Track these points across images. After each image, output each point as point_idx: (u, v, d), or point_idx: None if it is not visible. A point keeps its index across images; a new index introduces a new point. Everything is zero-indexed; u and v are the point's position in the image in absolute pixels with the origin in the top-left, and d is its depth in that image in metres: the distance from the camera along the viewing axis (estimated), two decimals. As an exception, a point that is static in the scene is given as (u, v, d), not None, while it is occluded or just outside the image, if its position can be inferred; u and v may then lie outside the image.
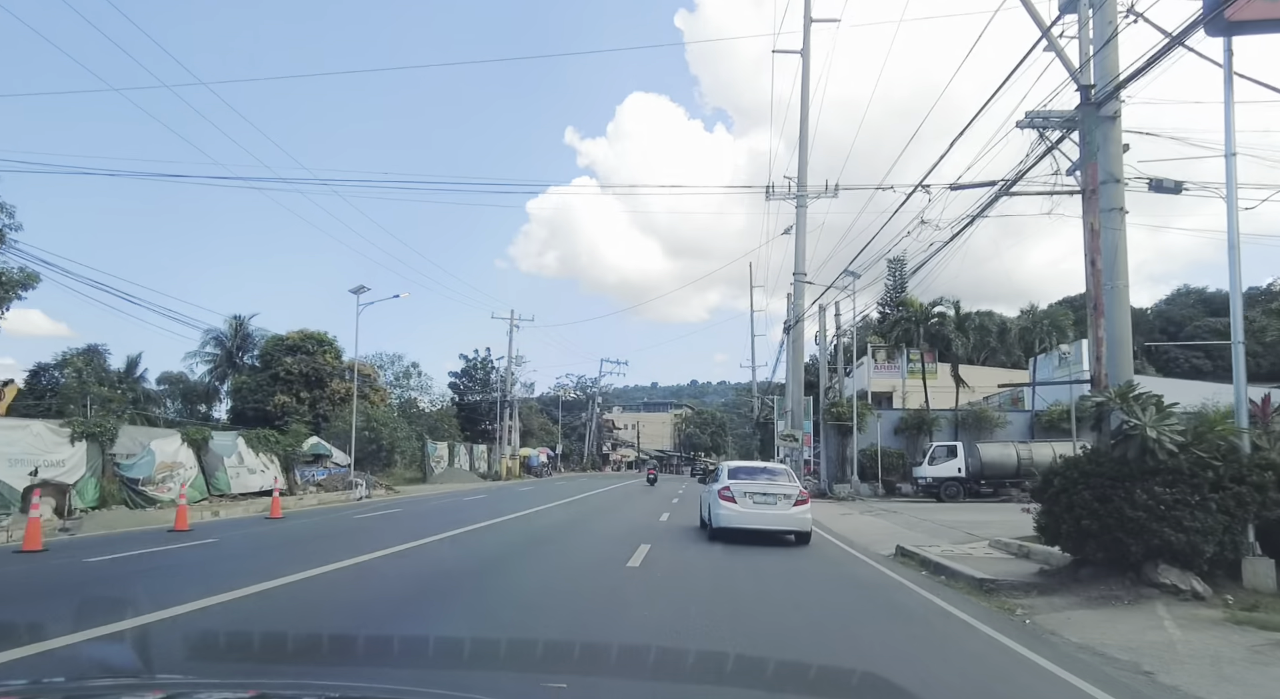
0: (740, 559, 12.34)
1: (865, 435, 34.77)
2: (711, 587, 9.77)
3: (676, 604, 8.46)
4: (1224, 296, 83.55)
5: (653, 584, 9.73)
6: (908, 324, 35.24)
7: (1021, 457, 29.50)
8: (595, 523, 19.27)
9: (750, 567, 11.53)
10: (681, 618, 7.67)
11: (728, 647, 6.33)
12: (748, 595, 9.27)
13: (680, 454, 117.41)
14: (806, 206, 35.53)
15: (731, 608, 8.38)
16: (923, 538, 16.55)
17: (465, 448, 57.91)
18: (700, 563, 11.81)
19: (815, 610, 8.67)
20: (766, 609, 8.52)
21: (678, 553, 13.07)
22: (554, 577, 10.42)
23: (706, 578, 10.43)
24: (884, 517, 22.57)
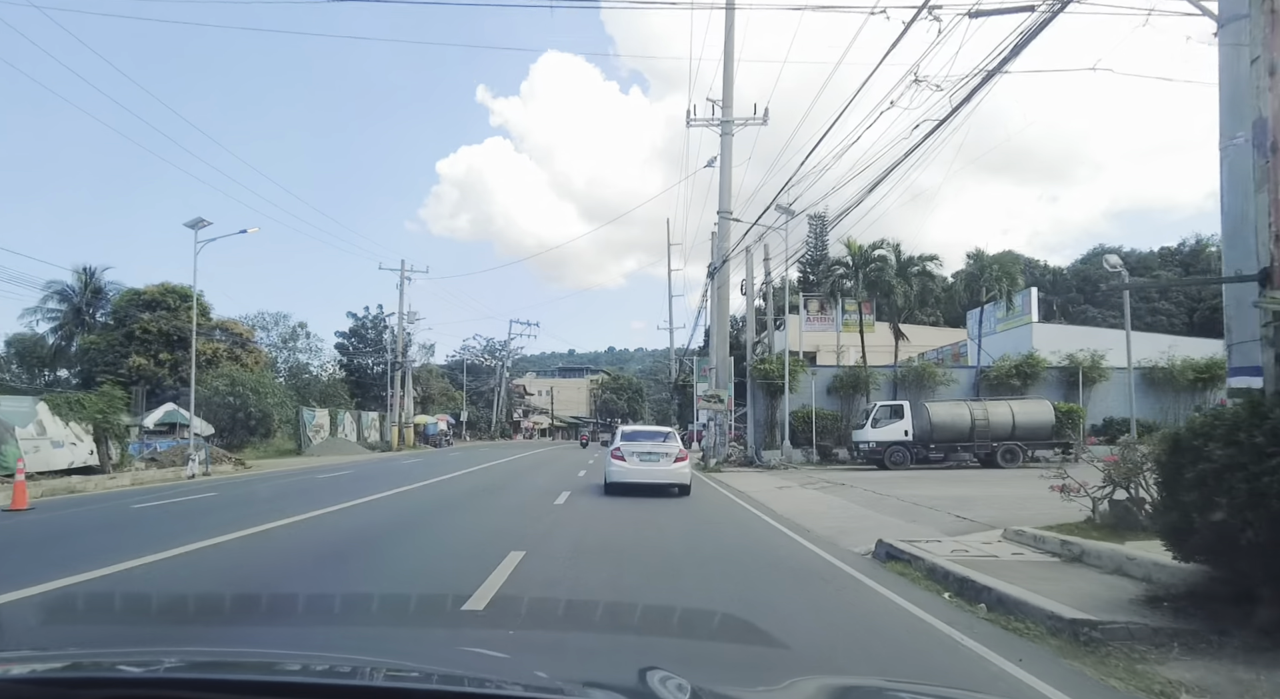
0: (675, 549, 7.68)
1: (797, 396, 30.73)
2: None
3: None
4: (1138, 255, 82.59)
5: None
6: (844, 270, 31.21)
7: (976, 417, 25.90)
8: (460, 513, 14.40)
9: (692, 568, 6.86)
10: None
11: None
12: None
13: (596, 421, 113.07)
14: (732, 133, 30.96)
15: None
16: (900, 523, 12.32)
17: (352, 416, 51.88)
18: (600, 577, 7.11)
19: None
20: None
21: (559, 570, 8.29)
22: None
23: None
24: (832, 491, 18.38)
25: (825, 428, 30.41)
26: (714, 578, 7.93)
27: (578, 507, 14.68)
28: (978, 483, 18.85)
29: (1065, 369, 31.55)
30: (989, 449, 25.70)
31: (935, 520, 12.49)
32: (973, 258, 31.44)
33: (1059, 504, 10.32)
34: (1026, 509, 12.71)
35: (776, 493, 18.54)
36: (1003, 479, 20.30)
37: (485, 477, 23.20)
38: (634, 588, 7.34)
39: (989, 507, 13.67)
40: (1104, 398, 30.78)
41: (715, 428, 28.82)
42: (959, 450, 26.15)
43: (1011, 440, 25.76)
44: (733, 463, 29.32)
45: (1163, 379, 31.23)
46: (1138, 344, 34.91)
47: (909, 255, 31.23)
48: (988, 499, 14.90)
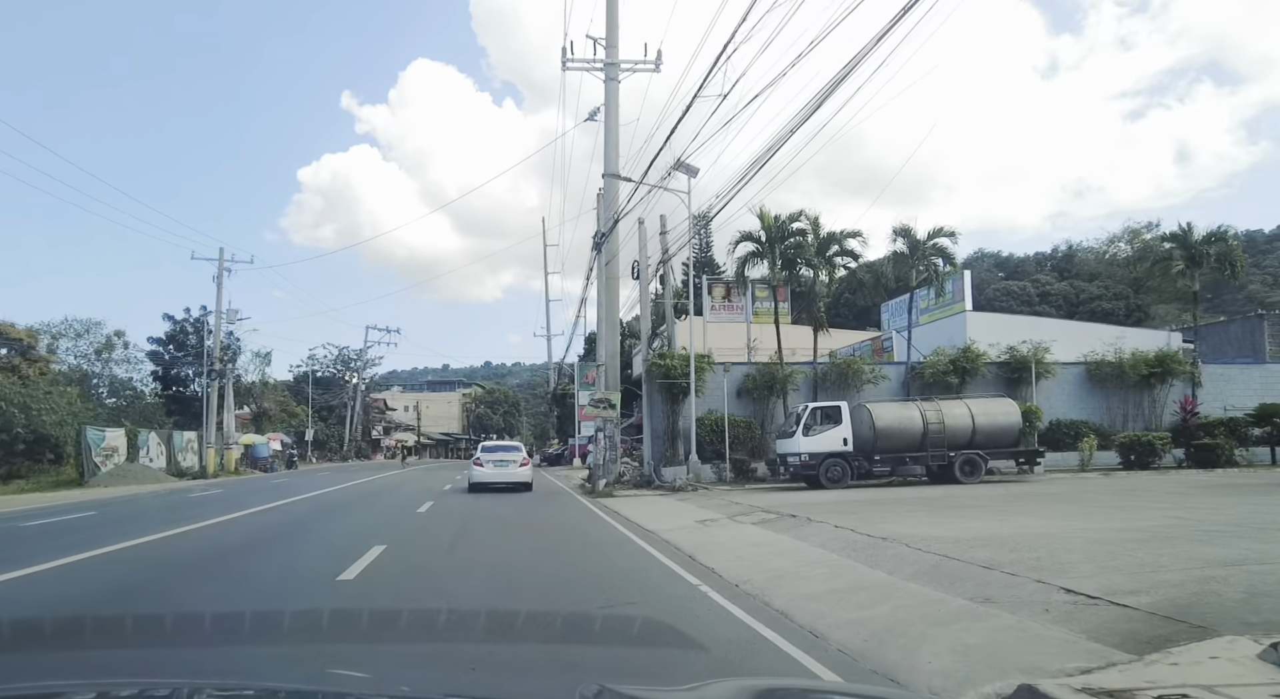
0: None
1: (703, 399, 24.95)
2: None
3: None
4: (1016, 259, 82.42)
5: None
6: (756, 246, 25.71)
7: (929, 421, 20.75)
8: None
9: None
10: None
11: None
12: None
13: (469, 437, 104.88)
14: (618, 78, 25.05)
15: None
16: (970, 606, 6.54)
17: (160, 437, 42.48)
18: None
19: None
20: None
21: None
22: None
23: None
24: (783, 528, 12.42)
25: (737, 437, 24.73)
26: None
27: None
28: (973, 508, 13.40)
29: (1006, 364, 27.18)
30: (944, 460, 20.62)
31: (1030, 599, 6.68)
32: (901, 234, 26.61)
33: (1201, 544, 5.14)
34: (1164, 562, 7.28)
35: (700, 533, 12.47)
36: (1000, 499, 15.03)
37: (295, 517, 15.97)
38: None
39: (1083, 559, 8.05)
40: (1047, 396, 26.57)
41: (605, 441, 22.60)
42: (908, 462, 20.95)
43: (971, 448, 20.78)
44: (626, 484, 23.19)
45: (1110, 375, 27.36)
46: (1081, 335, 31.28)
47: (830, 231, 26.15)
48: (1042, 539, 9.32)
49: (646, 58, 25.58)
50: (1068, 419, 26.69)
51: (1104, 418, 27.37)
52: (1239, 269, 27.32)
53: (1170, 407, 27.08)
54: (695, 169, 22.14)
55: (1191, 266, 27.21)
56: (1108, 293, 76.89)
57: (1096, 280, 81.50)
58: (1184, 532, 9.75)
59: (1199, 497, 14.46)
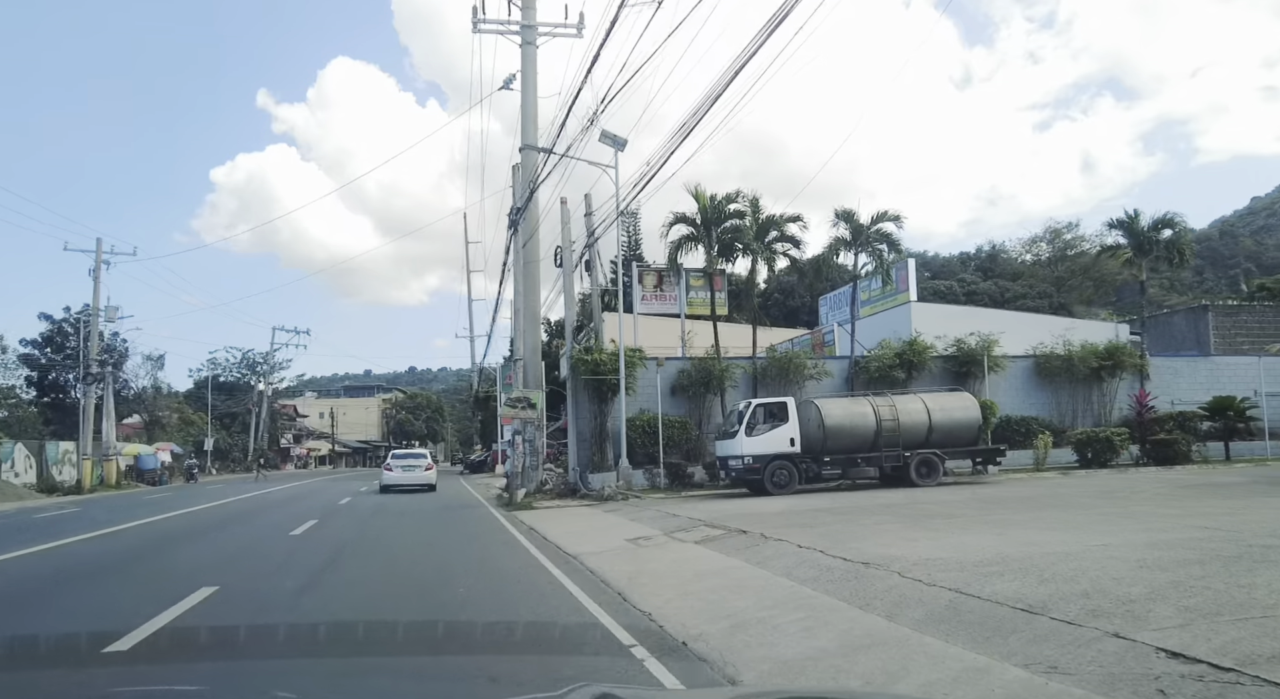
0: None
1: (634, 398, 22.63)
2: None
3: None
4: (942, 259, 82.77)
5: None
6: (691, 229, 23.52)
7: (883, 418, 18.83)
8: None
9: None
10: None
11: None
12: None
13: (389, 444, 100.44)
14: (536, 43, 22.59)
15: None
16: (999, 672, 4.29)
17: (27, 449, 37.93)
18: None
19: None
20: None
21: None
22: None
23: None
24: (735, 550, 10.13)
25: (672, 439, 22.48)
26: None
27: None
28: (950, 517, 11.34)
29: (954, 358, 25.65)
30: (899, 460, 18.75)
31: (1119, 667, 4.53)
32: (843, 218, 24.79)
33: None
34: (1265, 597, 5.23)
35: (633, 557, 10.11)
36: (974, 506, 13.07)
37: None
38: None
39: (1149, 594, 5.95)
40: (995, 391, 25.11)
41: (525, 446, 20.02)
42: (859, 463, 19.01)
43: (927, 447, 18.96)
44: (549, 493, 20.67)
45: (1060, 368, 26.09)
46: (1029, 326, 30.01)
47: (769, 214, 24.14)
48: (1066, 562, 7.22)
49: (567, 21, 23.14)
50: (1018, 415, 25.28)
51: (1054, 413, 26.11)
52: (1187, 256, 26.44)
53: (1120, 401, 25.99)
54: (623, 140, 19.84)
55: (1139, 255, 26.19)
56: (1032, 291, 77.72)
57: (1020, 279, 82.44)
58: (1232, 547, 7.83)
59: (1193, 499, 12.79)
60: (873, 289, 31.92)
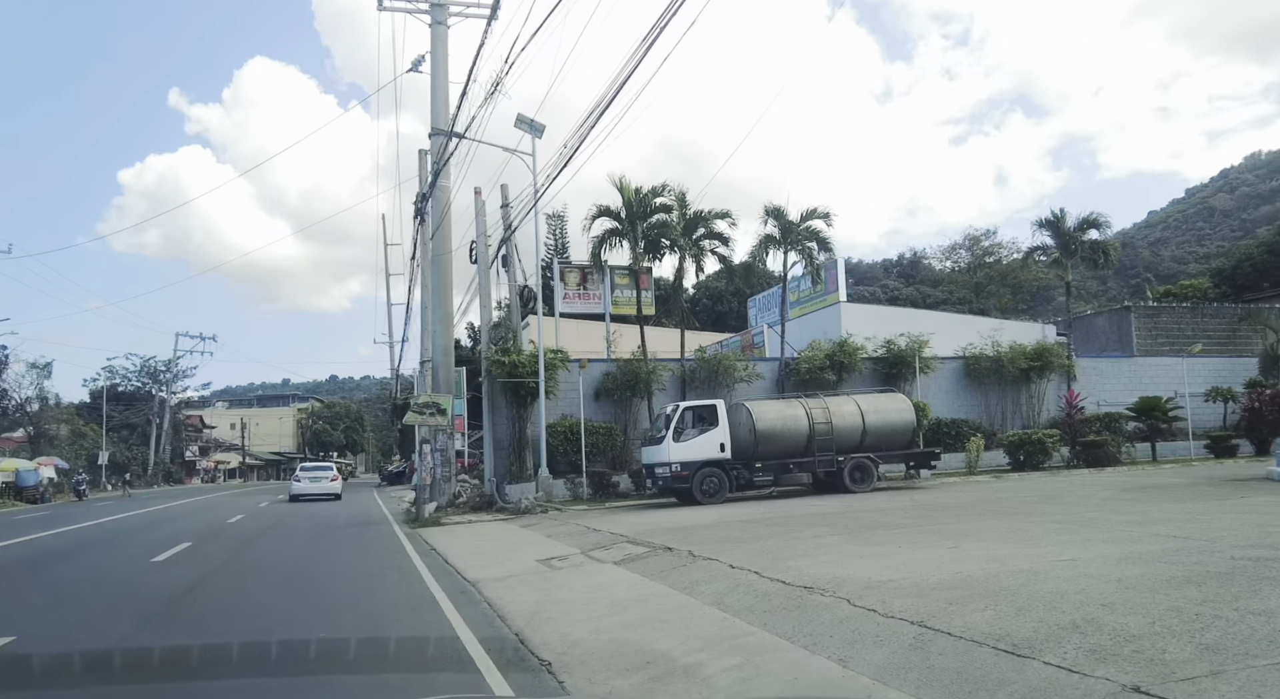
0: None
1: (556, 403, 21.26)
2: None
3: None
4: (866, 265, 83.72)
5: None
6: (616, 224, 22.26)
7: (816, 421, 17.88)
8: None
9: None
10: None
11: None
12: None
13: (304, 456, 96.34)
14: (446, 23, 21.14)
15: None
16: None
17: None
18: None
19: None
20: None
21: None
22: None
23: None
24: (649, 568, 8.86)
25: (596, 446, 21.16)
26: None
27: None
28: (894, 528, 10.31)
29: (884, 359, 25.03)
30: (833, 465, 17.82)
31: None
32: (772, 214, 23.92)
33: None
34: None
35: (542, 583, 8.75)
36: (916, 514, 12.11)
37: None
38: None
39: (1151, 626, 4.91)
40: (925, 393, 24.56)
41: (436, 456, 18.38)
42: (792, 469, 18.01)
43: (861, 451, 18.09)
44: (463, 507, 19.11)
45: (989, 369, 25.75)
46: (958, 327, 29.67)
47: (697, 210, 23.09)
48: (1038, 582, 6.17)
49: (482, 0, 21.69)
50: (948, 417, 24.79)
51: (983, 415, 25.74)
52: (1112, 257, 26.47)
53: (1049, 402, 25.80)
54: (540, 126, 18.49)
55: (1065, 255, 26.09)
56: (952, 297, 79.22)
57: (940, 285, 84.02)
58: (1216, 561, 6.94)
59: (1143, 503, 12.11)
60: (802, 290, 31.26)
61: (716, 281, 63.51)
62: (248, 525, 18.41)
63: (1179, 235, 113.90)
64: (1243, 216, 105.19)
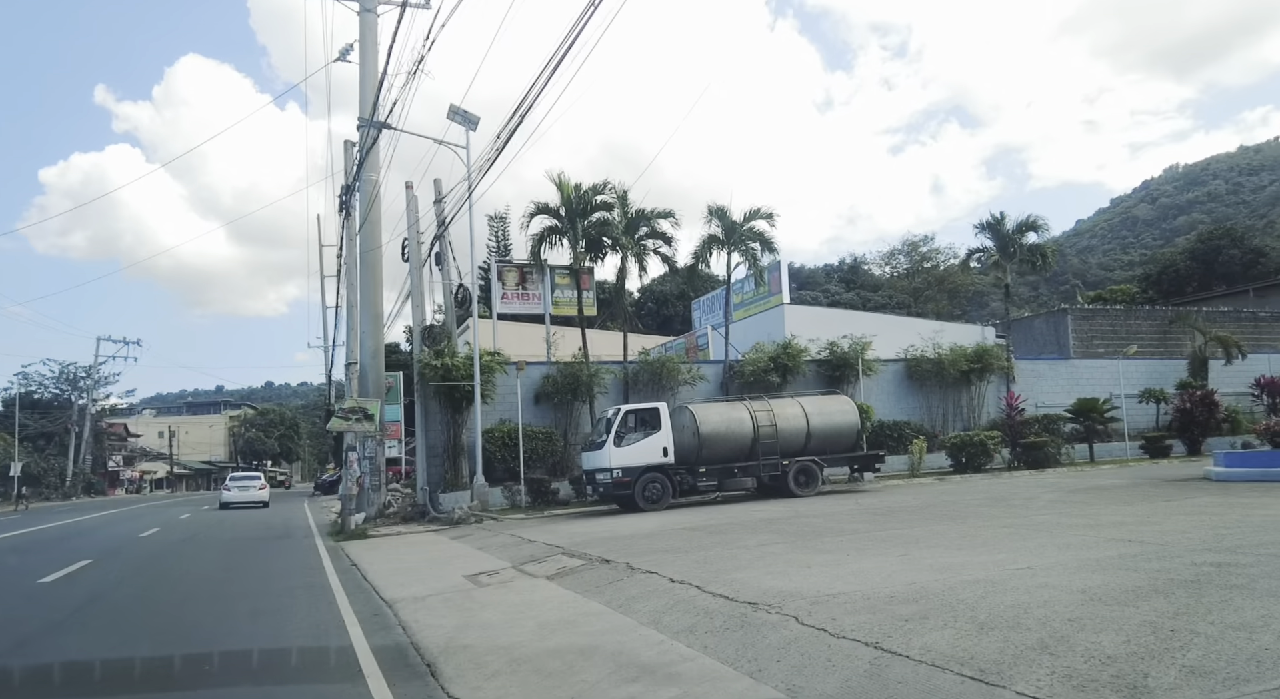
0: None
1: (494, 407, 20.48)
2: None
3: None
4: (809, 270, 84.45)
5: None
6: (555, 222, 21.58)
7: (760, 423, 17.45)
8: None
9: None
10: None
11: None
12: None
13: (236, 464, 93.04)
14: (376, 10, 20.30)
15: None
16: None
17: None
18: None
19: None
20: None
21: None
22: None
23: None
24: (584, 582, 8.23)
25: (536, 452, 20.41)
26: None
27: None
28: (841, 535, 9.83)
29: (827, 362, 24.82)
30: (777, 469, 17.42)
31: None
32: (715, 214, 23.52)
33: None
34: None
35: (465, 603, 8.05)
36: (864, 520, 11.69)
37: None
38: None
39: (1128, 646, 4.46)
40: (868, 395, 24.40)
41: (359, 464, 17.42)
42: (736, 473, 17.55)
43: (806, 454, 17.72)
44: (394, 517, 18.19)
45: (930, 371, 25.75)
46: (899, 330, 29.65)
47: (639, 208, 22.54)
48: (997, 594, 5.72)
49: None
50: (890, 420, 24.68)
51: (925, 417, 25.72)
52: (1050, 260, 26.75)
53: (989, 404, 25.92)
54: (475, 118, 17.74)
55: (1005, 258, 26.26)
56: (891, 302, 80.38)
57: (880, 290, 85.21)
58: (1178, 567, 6.60)
59: (1090, 505, 11.92)
60: (746, 291, 30.97)
61: (662, 285, 63.21)
62: (159, 540, 17.20)
63: (1105, 243, 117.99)
64: (1163, 226, 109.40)
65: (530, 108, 12.35)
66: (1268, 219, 75.50)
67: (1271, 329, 33.03)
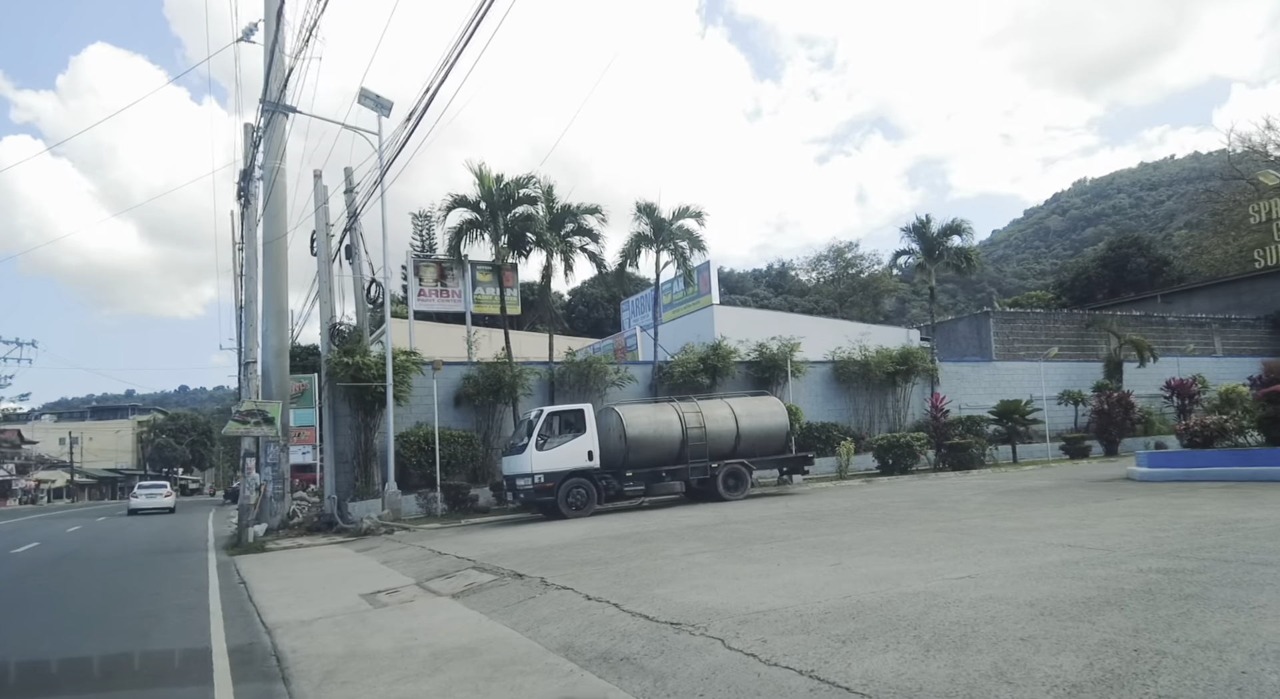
0: None
1: (409, 409, 19.44)
2: None
3: None
4: (738, 275, 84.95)
5: None
6: (476, 215, 20.65)
7: (689, 425, 16.88)
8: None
9: None
10: None
11: None
12: None
13: (145, 472, 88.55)
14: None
15: None
16: None
17: None
18: None
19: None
20: None
21: None
22: None
23: None
24: (491, 601, 7.45)
25: (455, 457, 19.43)
26: None
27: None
28: (771, 542, 9.28)
29: (757, 363, 24.48)
30: (706, 472, 16.89)
31: None
32: (644, 212, 22.94)
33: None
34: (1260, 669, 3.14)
35: (355, 628, 7.18)
36: (794, 525, 11.17)
37: None
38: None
39: (1090, 670, 3.95)
40: (797, 397, 24.17)
41: (259, 471, 16.16)
42: (664, 477, 16.94)
43: (735, 457, 17.25)
44: (298, 528, 16.97)
45: (857, 373, 25.67)
46: (827, 332, 29.55)
47: (565, 203, 21.79)
48: (939, 608, 5.21)
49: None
50: (819, 422, 24.47)
51: (852, 419, 25.62)
52: (974, 262, 27.01)
53: (914, 405, 25.99)
54: (388, 103, 16.75)
55: (930, 261, 26.40)
56: (818, 307, 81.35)
57: (807, 295, 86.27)
58: (1126, 575, 6.22)
59: (1022, 508, 11.67)
60: (675, 291, 30.51)
61: (593, 288, 62.42)
62: (32, 558, 15.65)
63: (1019, 253, 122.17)
64: (1073, 236, 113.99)
65: (442, 82, 11.50)
66: (1166, 232, 79.08)
67: (1179, 333, 34.22)
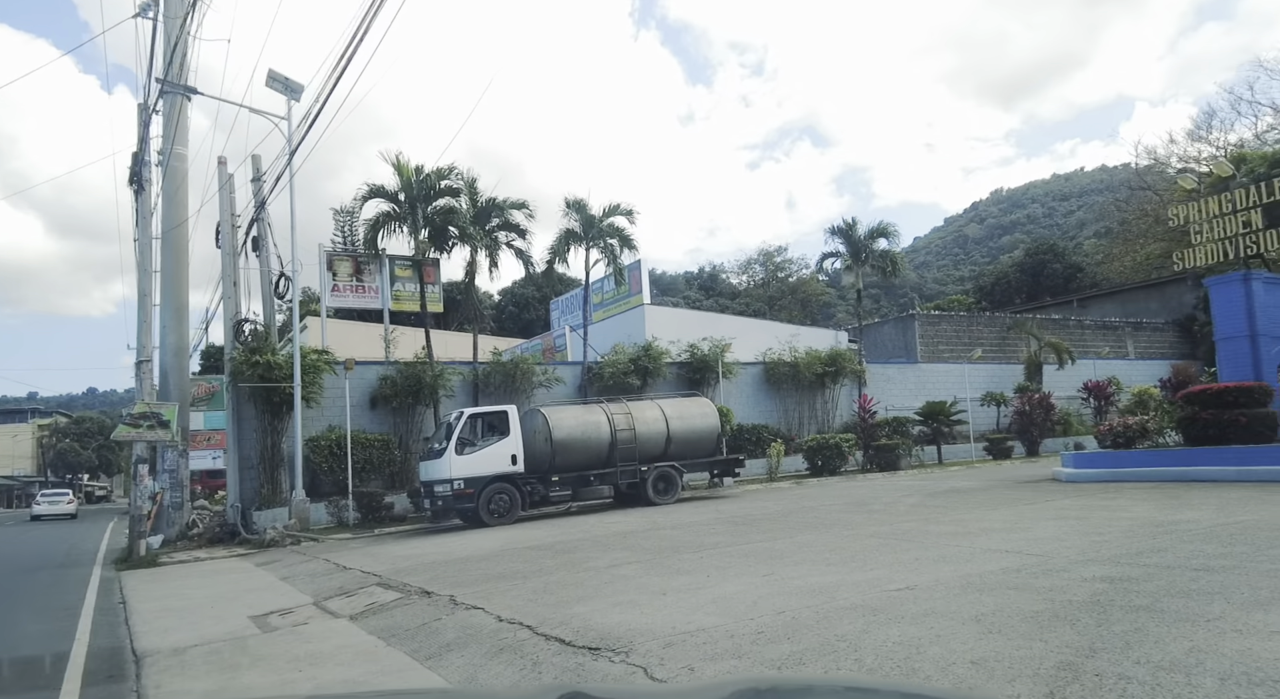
0: None
1: (320, 412, 18.38)
2: None
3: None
4: (669, 277, 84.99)
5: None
6: (394, 207, 19.69)
7: (618, 427, 16.30)
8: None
9: None
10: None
11: None
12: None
13: (46, 479, 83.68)
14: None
15: None
16: None
17: None
18: None
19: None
20: None
21: None
22: None
23: None
24: (392, 624, 6.75)
25: (370, 462, 18.43)
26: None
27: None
28: (701, 550, 8.76)
29: (688, 364, 24.11)
30: (635, 476, 16.36)
31: None
32: (574, 208, 22.32)
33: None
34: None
35: (233, 660, 6.38)
36: (724, 531, 10.72)
37: None
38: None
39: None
40: (728, 398, 23.88)
41: (153, 478, 14.94)
42: (592, 481, 16.32)
43: (665, 460, 16.77)
44: (198, 539, 15.80)
45: (787, 375, 25.53)
46: (758, 333, 29.38)
47: (491, 197, 20.99)
48: (877, 624, 4.78)
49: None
50: (749, 423, 24.23)
51: (782, 420, 25.48)
52: (899, 265, 27.21)
53: (842, 407, 26.00)
54: (298, 86, 15.76)
55: (856, 263, 26.48)
56: (748, 310, 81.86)
57: (738, 298, 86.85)
58: (1071, 584, 5.92)
59: (954, 510, 11.48)
60: (606, 291, 29.94)
61: (524, 288, 61.33)
62: None
63: (940, 260, 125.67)
64: (990, 244, 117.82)
65: (350, 60, 10.68)
66: (1077, 240, 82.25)
67: (1095, 336, 35.27)
